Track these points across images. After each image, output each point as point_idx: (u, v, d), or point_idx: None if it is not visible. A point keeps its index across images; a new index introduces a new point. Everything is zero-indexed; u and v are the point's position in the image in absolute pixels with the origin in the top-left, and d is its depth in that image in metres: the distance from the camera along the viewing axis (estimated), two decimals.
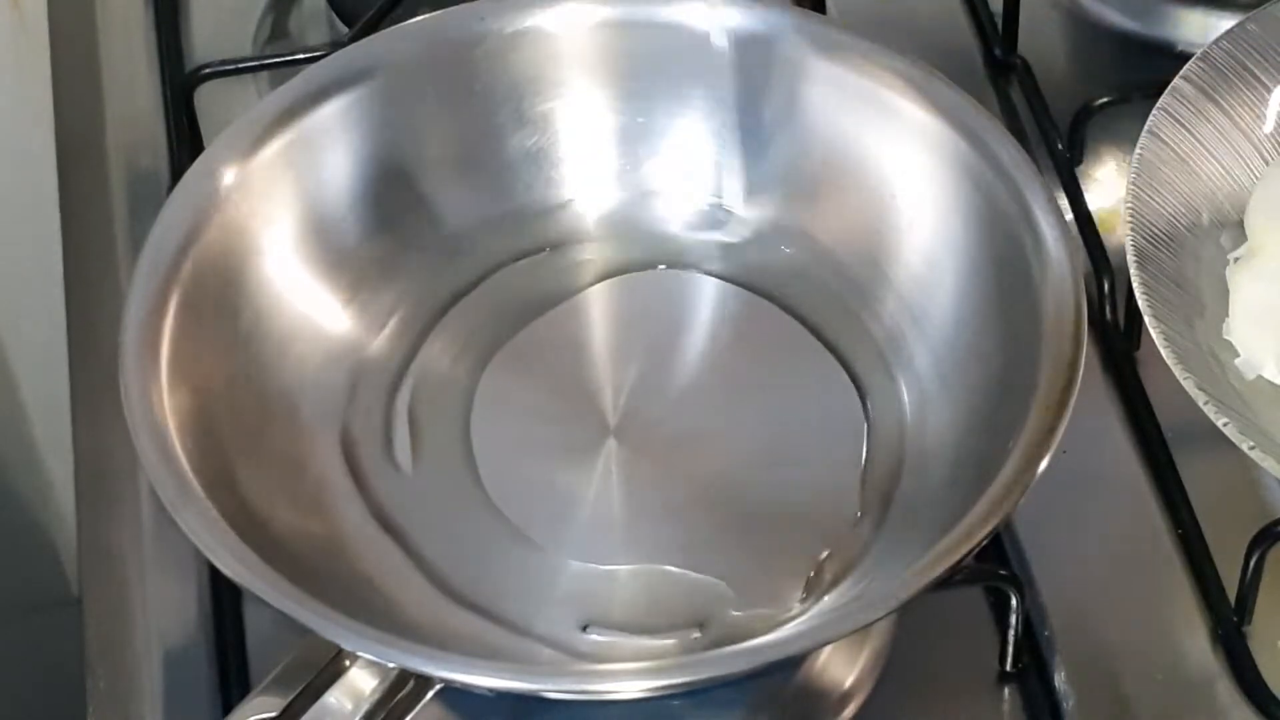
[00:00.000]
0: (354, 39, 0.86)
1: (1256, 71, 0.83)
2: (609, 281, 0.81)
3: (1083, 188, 0.86)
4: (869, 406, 0.77)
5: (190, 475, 0.69)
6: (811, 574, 0.73)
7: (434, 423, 0.77)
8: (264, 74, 0.93)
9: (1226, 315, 0.78)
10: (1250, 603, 0.74)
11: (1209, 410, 0.71)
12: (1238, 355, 0.77)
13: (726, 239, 0.81)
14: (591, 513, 0.75)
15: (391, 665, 0.65)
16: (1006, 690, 0.75)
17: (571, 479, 0.75)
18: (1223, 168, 0.81)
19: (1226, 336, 0.77)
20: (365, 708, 0.64)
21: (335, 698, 0.65)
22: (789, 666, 0.74)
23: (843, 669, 0.74)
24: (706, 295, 0.81)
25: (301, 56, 0.90)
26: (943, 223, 0.77)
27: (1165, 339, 0.73)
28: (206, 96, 0.91)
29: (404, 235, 0.80)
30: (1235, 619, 0.74)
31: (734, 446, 0.76)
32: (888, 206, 0.79)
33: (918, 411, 0.76)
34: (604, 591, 0.73)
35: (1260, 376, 0.76)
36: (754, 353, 0.79)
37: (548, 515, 0.75)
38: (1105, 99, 0.88)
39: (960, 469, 0.72)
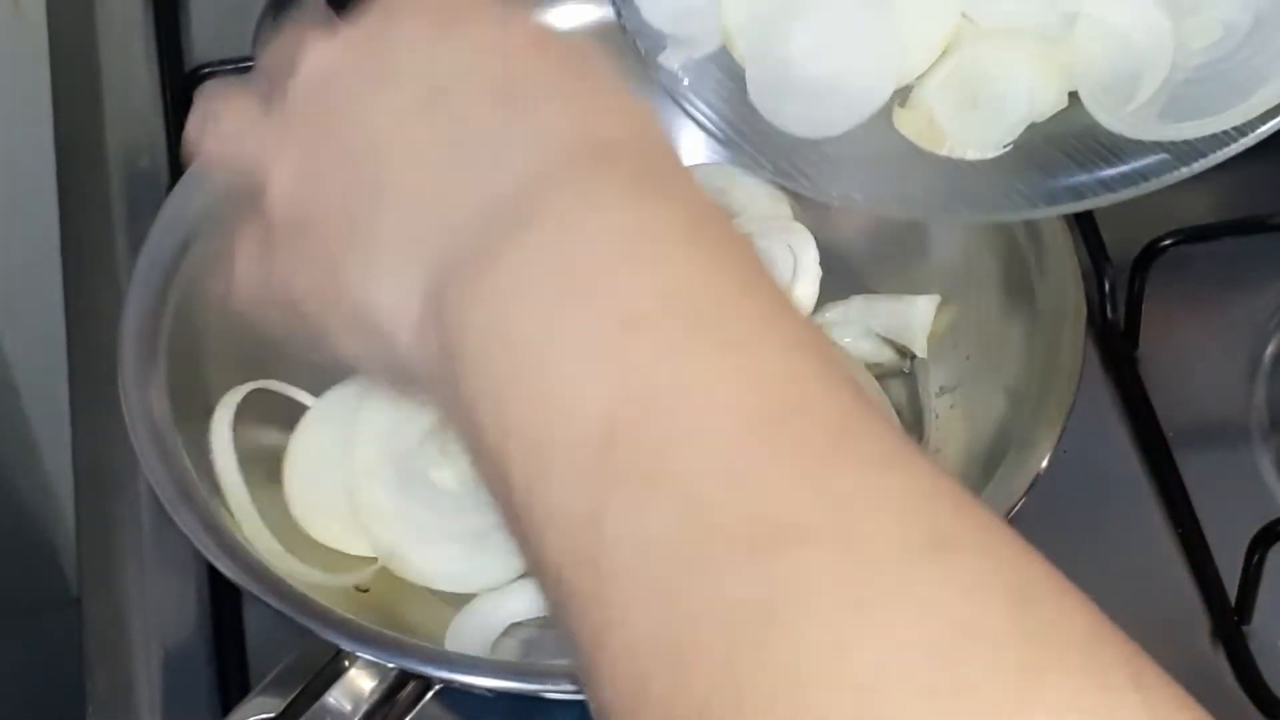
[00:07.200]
0: None
1: None
2: None
3: None
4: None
5: (190, 475, 0.69)
6: None
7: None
8: None
9: None
10: (1250, 603, 0.74)
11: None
12: None
13: None
14: None
15: (391, 665, 0.65)
16: None
17: None
18: None
19: None
20: (365, 708, 0.64)
21: (335, 698, 0.65)
22: None
23: None
24: None
25: None
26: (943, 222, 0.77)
27: None
28: None
29: None
30: (1235, 619, 0.74)
31: None
32: None
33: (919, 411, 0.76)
34: None
35: None
36: None
37: None
38: None
39: (961, 469, 0.72)
